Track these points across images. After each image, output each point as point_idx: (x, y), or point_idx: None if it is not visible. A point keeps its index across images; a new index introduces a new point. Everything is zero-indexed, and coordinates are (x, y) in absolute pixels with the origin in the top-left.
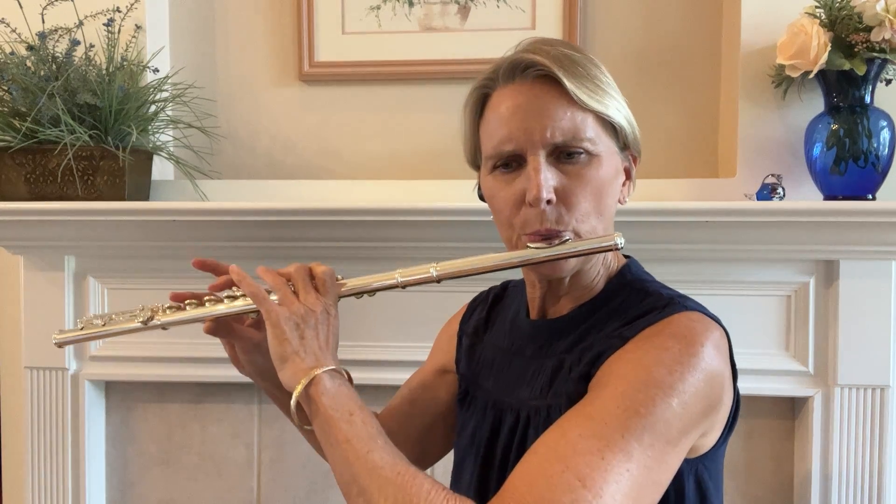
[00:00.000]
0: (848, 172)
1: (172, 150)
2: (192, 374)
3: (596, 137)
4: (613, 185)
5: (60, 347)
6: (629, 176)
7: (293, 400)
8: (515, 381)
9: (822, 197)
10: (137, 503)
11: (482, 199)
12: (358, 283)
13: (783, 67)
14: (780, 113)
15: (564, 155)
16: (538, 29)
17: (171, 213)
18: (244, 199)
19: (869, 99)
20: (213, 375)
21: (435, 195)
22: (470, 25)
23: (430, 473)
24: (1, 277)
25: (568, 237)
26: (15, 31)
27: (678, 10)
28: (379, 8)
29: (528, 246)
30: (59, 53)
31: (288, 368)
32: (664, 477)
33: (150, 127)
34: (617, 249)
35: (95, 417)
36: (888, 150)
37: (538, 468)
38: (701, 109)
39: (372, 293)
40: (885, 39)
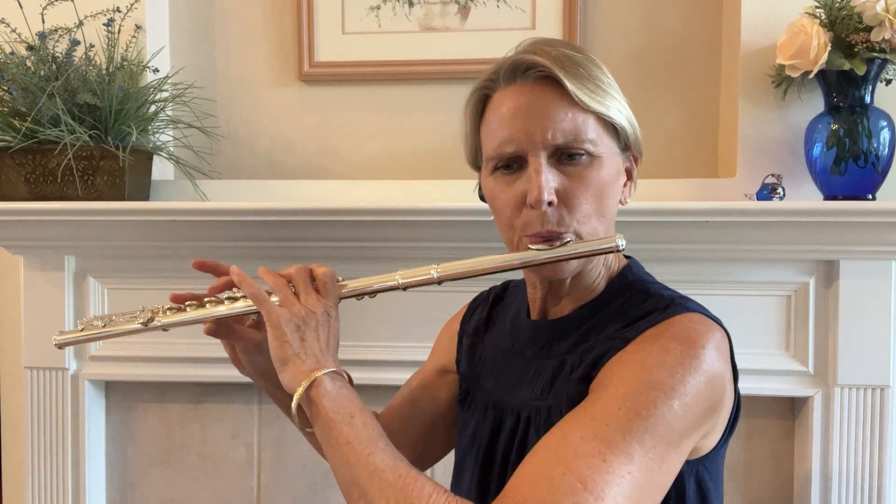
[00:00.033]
0: (848, 172)
1: (172, 150)
2: (192, 374)
3: (597, 138)
4: (615, 186)
5: (61, 349)
6: (630, 176)
7: (294, 402)
8: (516, 381)
9: (822, 197)
10: (137, 503)
11: (483, 199)
12: (359, 284)
13: (783, 67)
14: (780, 113)
15: (566, 156)
16: (538, 29)
17: (171, 213)
18: (244, 199)
19: (869, 99)
20: (213, 375)
21: (435, 195)
22: (470, 25)
23: (430, 473)
24: (1, 277)
25: (569, 239)
26: (15, 31)
27: (678, 10)
28: (379, 8)
29: (529, 247)
30: (59, 53)
31: (288, 370)
32: (665, 479)
33: (150, 127)
34: (618, 251)
35: (95, 417)
36: (888, 150)
37: (539, 470)
38: (701, 109)
39: (373, 294)
40: (885, 39)
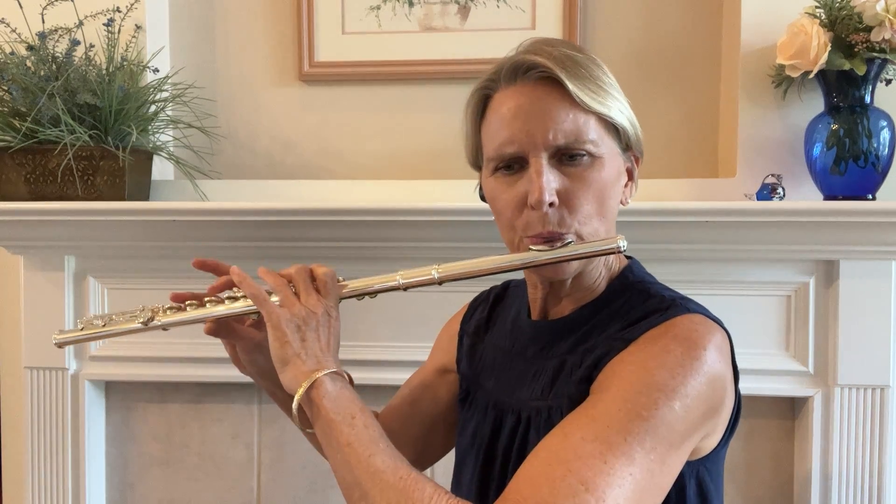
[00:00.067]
0: (848, 172)
1: (172, 150)
2: (192, 374)
3: (598, 139)
4: (616, 186)
5: (60, 348)
6: (631, 177)
7: (295, 403)
8: (516, 381)
9: (822, 197)
10: (137, 503)
11: (483, 199)
12: (359, 284)
13: (783, 67)
14: (780, 113)
15: (567, 157)
16: (538, 29)
17: (171, 213)
18: (244, 199)
19: (869, 99)
20: (213, 375)
21: (435, 195)
22: (470, 25)
23: (430, 473)
24: (1, 277)
25: (570, 239)
26: (15, 31)
27: (678, 10)
28: (379, 8)
29: (530, 248)
30: (59, 53)
31: (289, 371)
32: (666, 480)
33: (150, 127)
34: (620, 252)
35: (95, 417)
36: (888, 150)
37: (540, 471)
38: (701, 109)
39: (373, 295)
40: (885, 39)
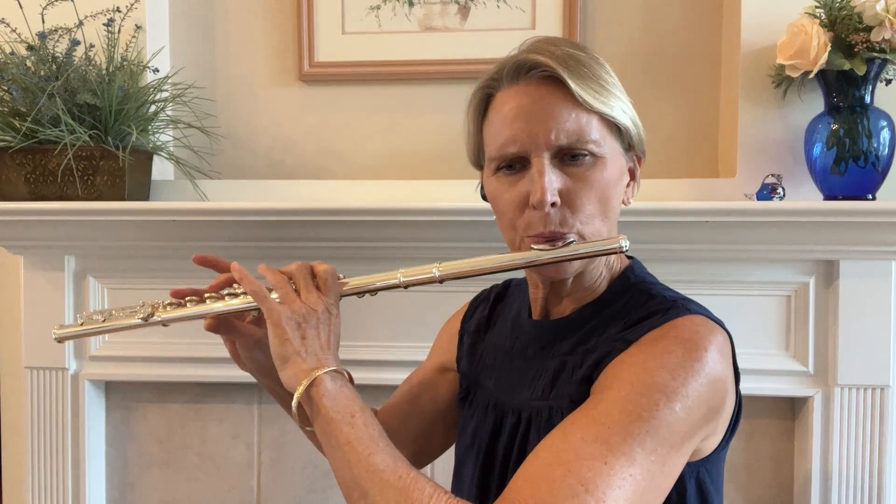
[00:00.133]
0: (848, 172)
1: (172, 150)
2: (192, 374)
3: (601, 139)
4: (618, 186)
5: (60, 342)
6: (633, 177)
7: (294, 401)
8: (517, 381)
9: (822, 197)
10: (137, 503)
11: (484, 198)
12: (360, 282)
13: (783, 67)
14: (780, 113)
15: (569, 157)
16: (538, 29)
17: (171, 213)
18: (244, 199)
19: (869, 99)
20: (213, 375)
21: (435, 195)
22: (470, 25)
23: (430, 472)
24: (1, 277)
25: (572, 239)
26: (15, 31)
27: (678, 10)
28: (379, 8)
29: (532, 247)
30: (59, 53)
31: (289, 369)
32: (667, 481)
33: (150, 127)
34: (622, 252)
35: (95, 417)
36: (888, 150)
37: (540, 471)
38: (701, 109)
39: (374, 293)
40: (885, 39)
